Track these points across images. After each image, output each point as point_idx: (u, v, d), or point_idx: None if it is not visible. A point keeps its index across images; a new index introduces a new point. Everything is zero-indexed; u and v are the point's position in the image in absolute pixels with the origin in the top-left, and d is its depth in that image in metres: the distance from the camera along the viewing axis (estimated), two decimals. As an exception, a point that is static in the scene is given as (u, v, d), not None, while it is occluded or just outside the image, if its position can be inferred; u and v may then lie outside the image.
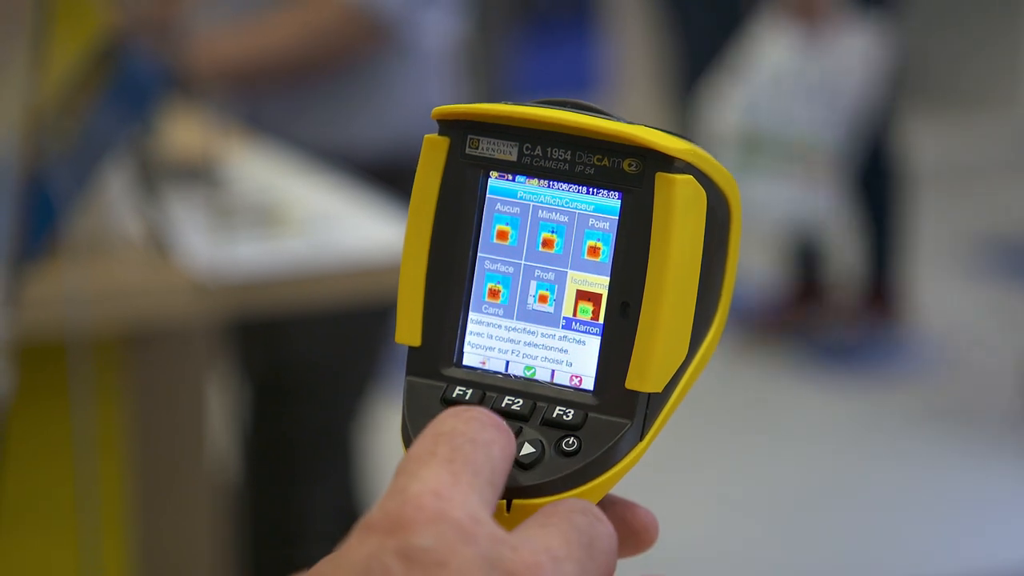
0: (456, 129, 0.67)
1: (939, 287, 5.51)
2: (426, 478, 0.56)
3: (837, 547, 3.75)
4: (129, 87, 2.21)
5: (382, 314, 2.73)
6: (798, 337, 4.86)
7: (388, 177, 2.80)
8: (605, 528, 0.59)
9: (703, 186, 0.65)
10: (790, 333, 4.88)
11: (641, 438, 0.65)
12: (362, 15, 2.74)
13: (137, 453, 2.43)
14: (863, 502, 3.99)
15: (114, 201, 2.28)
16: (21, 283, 1.83)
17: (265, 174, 2.67)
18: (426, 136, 0.68)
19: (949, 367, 4.78)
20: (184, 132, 2.70)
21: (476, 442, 0.58)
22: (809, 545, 3.76)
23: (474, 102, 0.67)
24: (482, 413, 0.60)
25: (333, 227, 2.41)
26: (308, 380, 2.75)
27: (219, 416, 2.84)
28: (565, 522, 0.58)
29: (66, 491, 2.25)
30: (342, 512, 2.79)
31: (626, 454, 0.64)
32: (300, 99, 2.85)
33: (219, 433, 2.82)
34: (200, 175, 2.53)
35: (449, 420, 0.59)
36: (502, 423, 0.60)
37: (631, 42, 6.87)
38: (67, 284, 2.08)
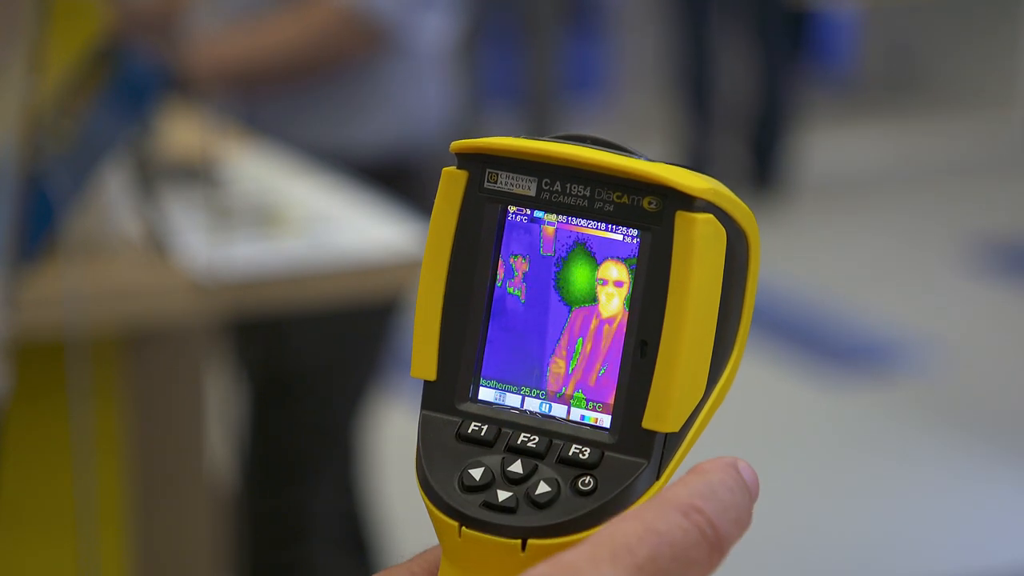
0: (475, 163, 0.67)
1: (939, 287, 5.51)
2: None
3: (836, 548, 3.76)
4: (127, 87, 2.22)
5: (381, 314, 2.73)
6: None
7: (386, 178, 2.80)
8: None
9: (723, 224, 0.64)
10: None
11: (657, 477, 0.64)
12: (359, 18, 2.74)
13: (135, 453, 2.43)
14: (862, 502, 3.99)
15: (112, 201, 2.28)
16: (20, 283, 1.83)
17: (263, 174, 2.67)
18: (444, 169, 0.67)
19: (949, 367, 4.78)
20: (183, 132, 2.71)
21: (679, 559, 0.58)
22: (808, 546, 3.76)
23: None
24: (718, 516, 0.60)
25: (331, 227, 2.42)
26: (307, 380, 2.75)
27: (218, 416, 2.84)
28: None
29: (65, 491, 2.26)
30: (342, 512, 2.79)
31: (642, 494, 0.64)
32: (298, 101, 2.85)
33: (218, 433, 2.82)
34: (199, 175, 2.54)
35: (671, 518, 0.59)
36: (723, 540, 0.60)
37: (634, 43, 6.88)
38: (66, 284, 2.08)
